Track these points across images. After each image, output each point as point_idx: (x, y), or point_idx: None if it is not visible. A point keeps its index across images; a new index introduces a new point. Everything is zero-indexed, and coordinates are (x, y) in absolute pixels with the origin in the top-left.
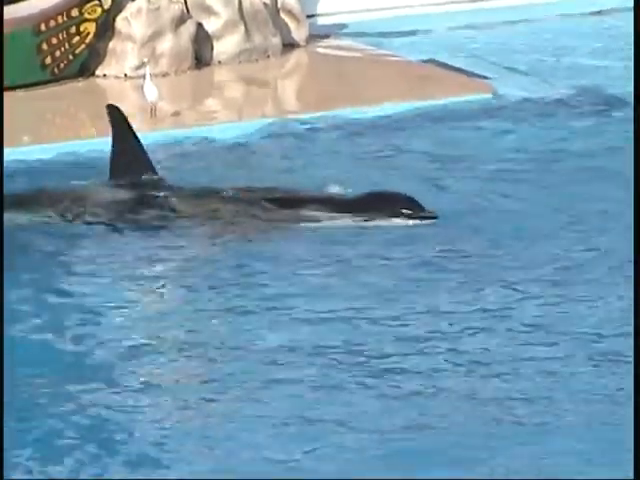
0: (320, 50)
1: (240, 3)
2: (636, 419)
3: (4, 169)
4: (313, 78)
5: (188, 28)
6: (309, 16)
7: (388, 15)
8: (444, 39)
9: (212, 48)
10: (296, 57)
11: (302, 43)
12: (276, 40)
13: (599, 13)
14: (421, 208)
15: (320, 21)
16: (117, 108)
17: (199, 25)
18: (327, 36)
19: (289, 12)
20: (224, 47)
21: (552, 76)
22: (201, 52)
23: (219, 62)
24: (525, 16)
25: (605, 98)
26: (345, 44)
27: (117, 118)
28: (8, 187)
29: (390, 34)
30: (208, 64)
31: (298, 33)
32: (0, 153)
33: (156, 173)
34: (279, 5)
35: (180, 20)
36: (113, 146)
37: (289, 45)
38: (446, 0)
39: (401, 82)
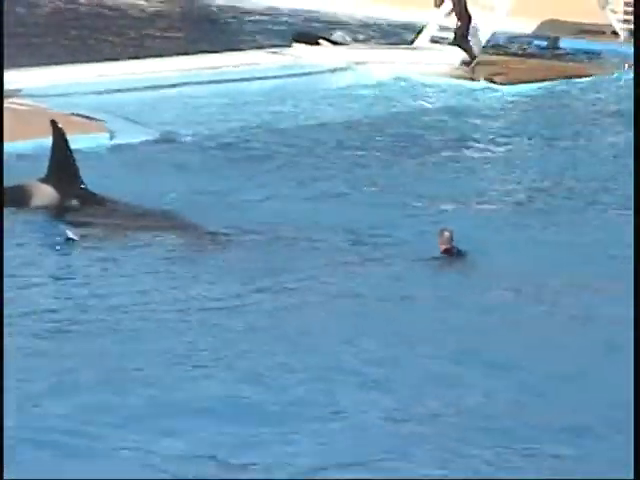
0: (6, 104)
1: None
2: (636, 420)
3: None
4: None
5: None
6: None
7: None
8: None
9: None
10: None
11: None
12: None
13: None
14: None
15: (6, 86)
16: (57, 124)
17: None
18: (10, 96)
19: None
20: None
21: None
22: None
23: None
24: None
25: None
26: (18, 101)
27: (58, 132)
28: None
29: (53, 96)
30: None
31: None
32: (0, 153)
33: (81, 181)
34: None
35: None
36: (53, 152)
37: None
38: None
39: (45, 125)
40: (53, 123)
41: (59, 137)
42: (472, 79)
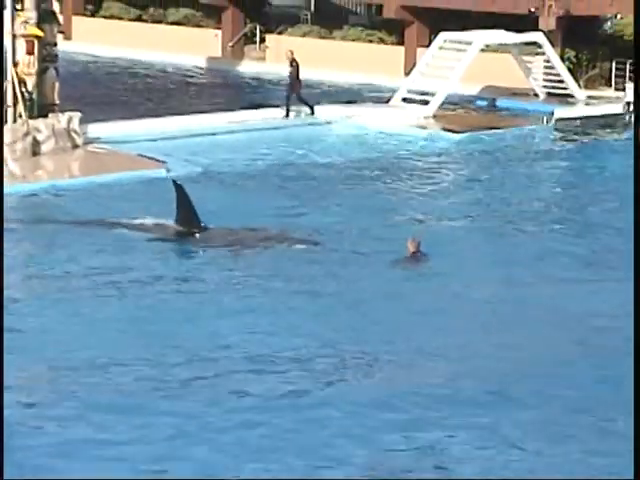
0: (89, 148)
1: (53, 128)
2: (636, 419)
3: None
4: (84, 159)
5: (29, 139)
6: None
7: (122, 131)
8: (147, 145)
9: (40, 146)
10: (78, 151)
11: (81, 145)
12: (69, 144)
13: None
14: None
15: (88, 135)
16: (177, 183)
17: (34, 137)
18: (92, 142)
19: (74, 131)
20: (47, 147)
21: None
22: (36, 148)
23: (45, 153)
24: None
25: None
26: (98, 146)
27: (180, 190)
28: None
29: (124, 142)
30: (38, 154)
31: (79, 140)
32: (0, 164)
33: (200, 220)
34: (70, 127)
35: (25, 135)
36: (177, 204)
37: (75, 145)
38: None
39: (118, 163)
40: (175, 183)
41: (181, 191)
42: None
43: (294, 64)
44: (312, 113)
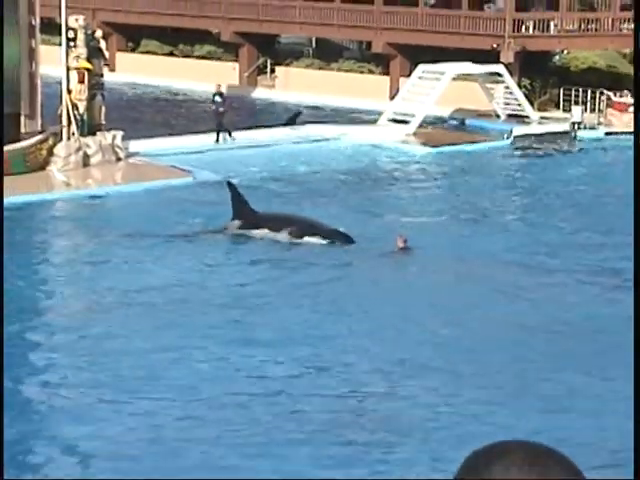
0: (130, 160)
1: (100, 144)
2: (636, 420)
3: None
4: (126, 170)
5: (81, 153)
6: (125, 148)
7: (156, 147)
8: (179, 158)
9: (90, 159)
10: (121, 163)
11: (123, 158)
12: (113, 157)
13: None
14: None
15: (129, 150)
16: (231, 183)
17: (85, 152)
18: (132, 156)
19: (118, 147)
20: (95, 159)
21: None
22: (87, 161)
23: (94, 165)
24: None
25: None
26: (137, 159)
27: (234, 188)
28: None
29: (158, 155)
30: (88, 166)
31: (122, 154)
32: (0, 164)
33: (253, 210)
34: (114, 143)
35: (77, 150)
36: (233, 202)
37: (118, 158)
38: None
39: (154, 172)
40: (229, 183)
41: (234, 190)
42: (406, 142)
43: (223, 96)
44: (232, 137)
